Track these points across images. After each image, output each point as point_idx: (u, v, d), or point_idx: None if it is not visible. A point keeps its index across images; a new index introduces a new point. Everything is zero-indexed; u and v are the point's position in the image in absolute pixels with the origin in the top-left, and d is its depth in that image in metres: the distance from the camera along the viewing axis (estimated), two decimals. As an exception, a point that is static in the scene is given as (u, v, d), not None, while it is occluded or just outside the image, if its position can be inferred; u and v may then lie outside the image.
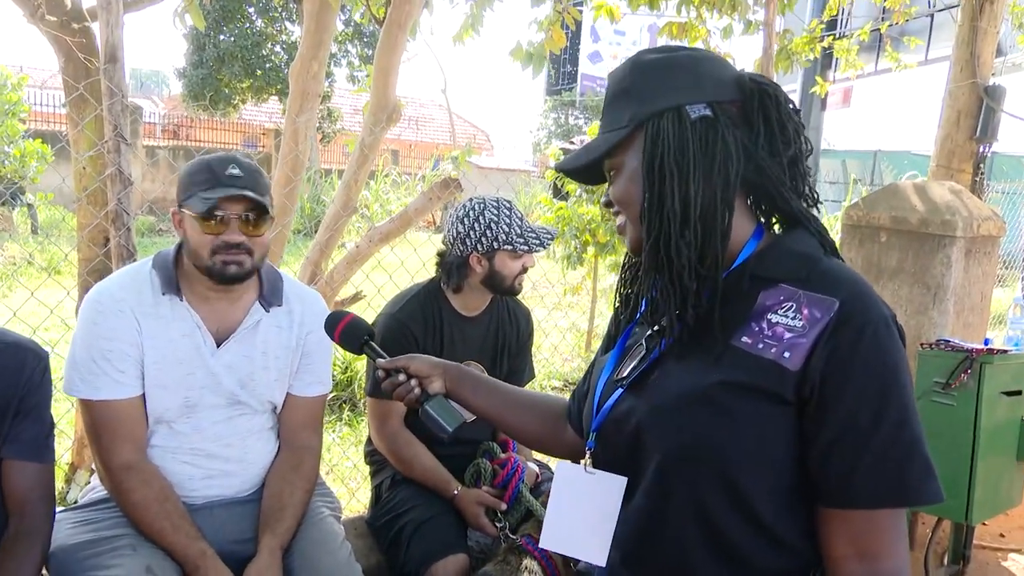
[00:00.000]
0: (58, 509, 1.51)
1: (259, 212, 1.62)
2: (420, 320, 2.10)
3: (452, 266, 2.11)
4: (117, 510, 1.60)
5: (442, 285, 2.16)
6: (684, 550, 1.02)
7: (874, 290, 1.00)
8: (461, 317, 2.16)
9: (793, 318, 0.97)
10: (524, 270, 2.12)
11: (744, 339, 0.99)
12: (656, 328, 1.09)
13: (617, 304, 1.23)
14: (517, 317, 2.30)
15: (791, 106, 1.06)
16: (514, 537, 1.90)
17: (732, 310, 1.02)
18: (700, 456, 0.98)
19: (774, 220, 1.11)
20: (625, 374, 1.12)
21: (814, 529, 1.00)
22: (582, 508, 1.12)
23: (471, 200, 2.11)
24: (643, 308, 1.15)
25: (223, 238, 1.58)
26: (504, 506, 2.00)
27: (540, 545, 1.15)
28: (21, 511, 1.39)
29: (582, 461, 1.14)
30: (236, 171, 1.59)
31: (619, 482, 1.08)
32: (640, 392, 1.08)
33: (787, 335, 0.97)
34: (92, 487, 1.73)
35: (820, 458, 0.96)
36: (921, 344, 2.68)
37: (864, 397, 0.93)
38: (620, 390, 1.11)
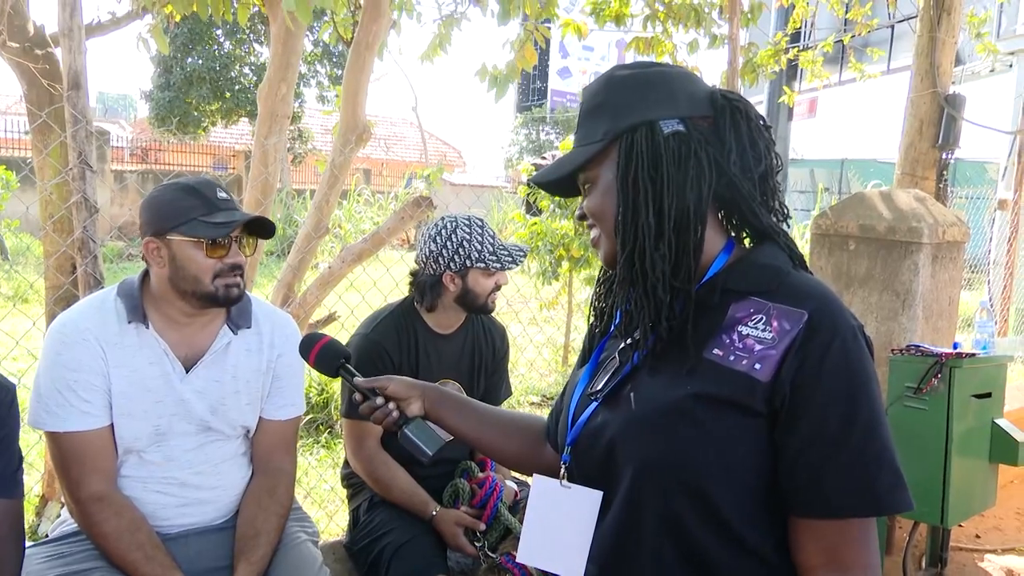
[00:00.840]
0: (28, 544, 1.47)
1: (251, 233, 1.66)
2: (394, 339, 2.09)
3: (425, 285, 2.10)
4: (88, 543, 1.57)
5: (416, 304, 2.15)
6: (659, 562, 1.02)
7: (842, 302, 1.01)
8: (436, 335, 2.16)
9: (763, 330, 0.98)
10: (497, 288, 2.12)
11: (715, 351, 1.00)
12: (629, 341, 1.09)
13: (592, 318, 1.23)
14: (492, 335, 2.30)
15: (761, 122, 1.08)
16: (493, 556, 1.89)
17: (703, 323, 1.03)
18: (672, 468, 0.99)
19: (744, 234, 1.12)
20: (599, 387, 1.12)
21: (787, 540, 1.00)
22: (558, 522, 1.11)
23: (443, 219, 2.11)
24: (617, 321, 1.16)
25: (227, 261, 1.59)
26: (483, 526, 1.99)
27: (517, 560, 1.15)
28: None
29: (558, 476, 1.14)
30: (224, 195, 1.62)
31: (594, 496, 1.08)
32: (614, 405, 1.08)
33: (757, 347, 0.98)
34: (62, 520, 1.69)
35: (790, 468, 0.97)
36: (892, 350, 2.71)
37: (833, 407, 0.94)
38: (594, 403, 1.11)
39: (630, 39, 4.49)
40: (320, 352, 1.35)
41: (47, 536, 1.68)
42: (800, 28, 6.85)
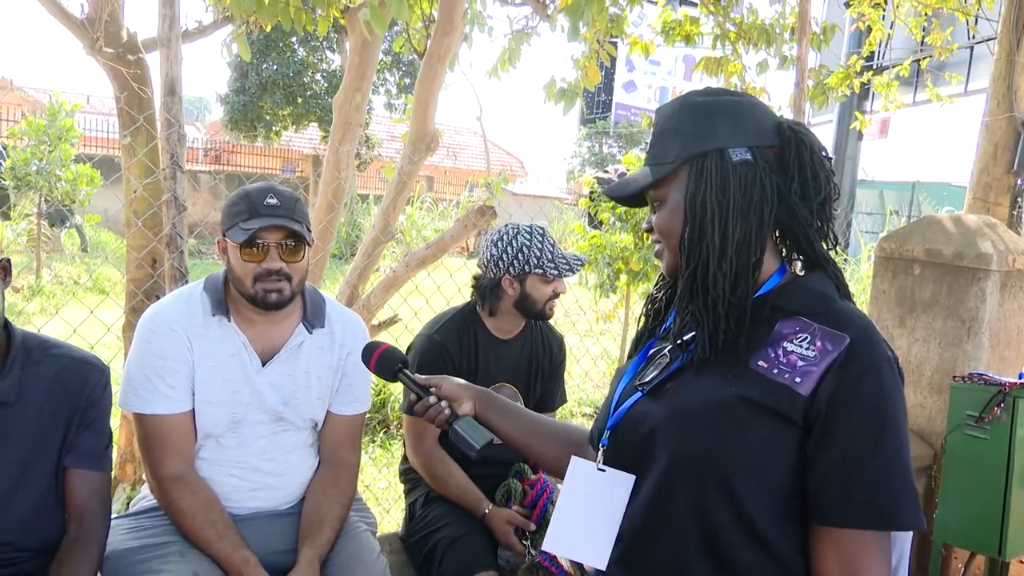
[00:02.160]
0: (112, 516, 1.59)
1: (296, 239, 1.69)
2: (456, 341, 2.16)
3: (486, 289, 2.18)
4: (166, 518, 1.68)
5: (477, 308, 2.23)
6: (681, 551, 1.09)
7: (880, 333, 1.08)
8: (496, 340, 2.23)
9: (807, 349, 1.05)
10: (555, 295, 2.18)
11: (760, 363, 1.07)
12: (679, 342, 1.17)
13: (644, 318, 1.32)
14: (550, 342, 2.36)
15: (823, 153, 1.15)
16: (534, 553, 1.94)
17: (751, 335, 1.10)
18: (708, 459, 1.05)
19: (794, 257, 1.19)
20: (647, 380, 1.19)
21: (806, 545, 1.07)
22: (590, 505, 1.18)
23: (506, 225, 2.19)
24: (669, 322, 1.24)
25: (263, 266, 1.66)
26: (533, 526, 2.04)
27: (543, 547, 1.21)
28: (80, 517, 1.47)
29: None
30: (274, 200, 1.66)
31: (628, 480, 1.15)
32: (659, 397, 1.15)
33: (800, 363, 1.05)
34: (142, 496, 1.81)
35: (818, 479, 1.03)
36: (954, 377, 2.67)
37: (864, 428, 1.01)
38: (639, 394, 1.18)
39: (698, 56, 4.50)
40: (380, 358, 1.44)
41: (120, 514, 1.80)
42: (874, 49, 6.72)
